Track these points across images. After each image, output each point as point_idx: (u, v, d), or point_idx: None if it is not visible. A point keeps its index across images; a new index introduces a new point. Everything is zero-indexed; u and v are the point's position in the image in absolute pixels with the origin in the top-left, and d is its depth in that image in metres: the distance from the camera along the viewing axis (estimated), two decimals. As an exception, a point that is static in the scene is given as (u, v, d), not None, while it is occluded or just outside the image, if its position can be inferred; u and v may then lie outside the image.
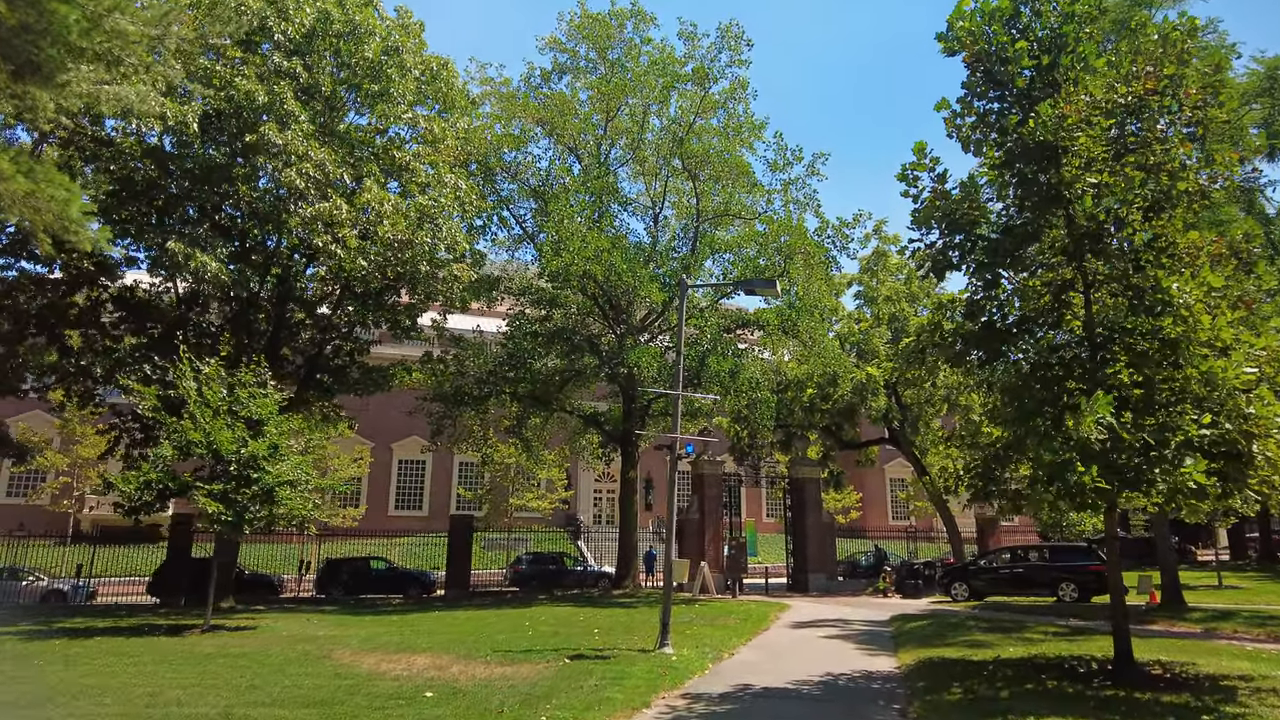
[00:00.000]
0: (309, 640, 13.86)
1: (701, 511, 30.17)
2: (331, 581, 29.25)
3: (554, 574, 31.66)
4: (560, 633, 15.07)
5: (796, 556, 31.71)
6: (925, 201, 11.05)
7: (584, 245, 21.88)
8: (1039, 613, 19.63)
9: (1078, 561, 23.28)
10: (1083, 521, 35.85)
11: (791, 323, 26.45)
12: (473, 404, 27.50)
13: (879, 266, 34.29)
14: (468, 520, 29.00)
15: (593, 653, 12.23)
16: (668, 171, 28.79)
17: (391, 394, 29.05)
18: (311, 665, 11.21)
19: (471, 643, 13.49)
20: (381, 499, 48.39)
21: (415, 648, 12.82)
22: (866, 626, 17.50)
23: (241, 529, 14.81)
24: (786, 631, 16.59)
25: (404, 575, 29.95)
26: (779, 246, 25.80)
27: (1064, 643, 12.89)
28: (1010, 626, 15.62)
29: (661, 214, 30.35)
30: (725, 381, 23.43)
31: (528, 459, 34.91)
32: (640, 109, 28.76)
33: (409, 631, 15.49)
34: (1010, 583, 24.20)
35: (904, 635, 15.16)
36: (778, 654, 13.14)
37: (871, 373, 30.13)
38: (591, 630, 15.36)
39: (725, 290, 25.52)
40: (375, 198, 19.59)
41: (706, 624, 16.98)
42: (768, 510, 53.41)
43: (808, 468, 32.62)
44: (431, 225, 20.75)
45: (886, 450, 57.98)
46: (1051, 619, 17.98)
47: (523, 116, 27.44)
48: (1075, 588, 22.65)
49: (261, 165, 18.98)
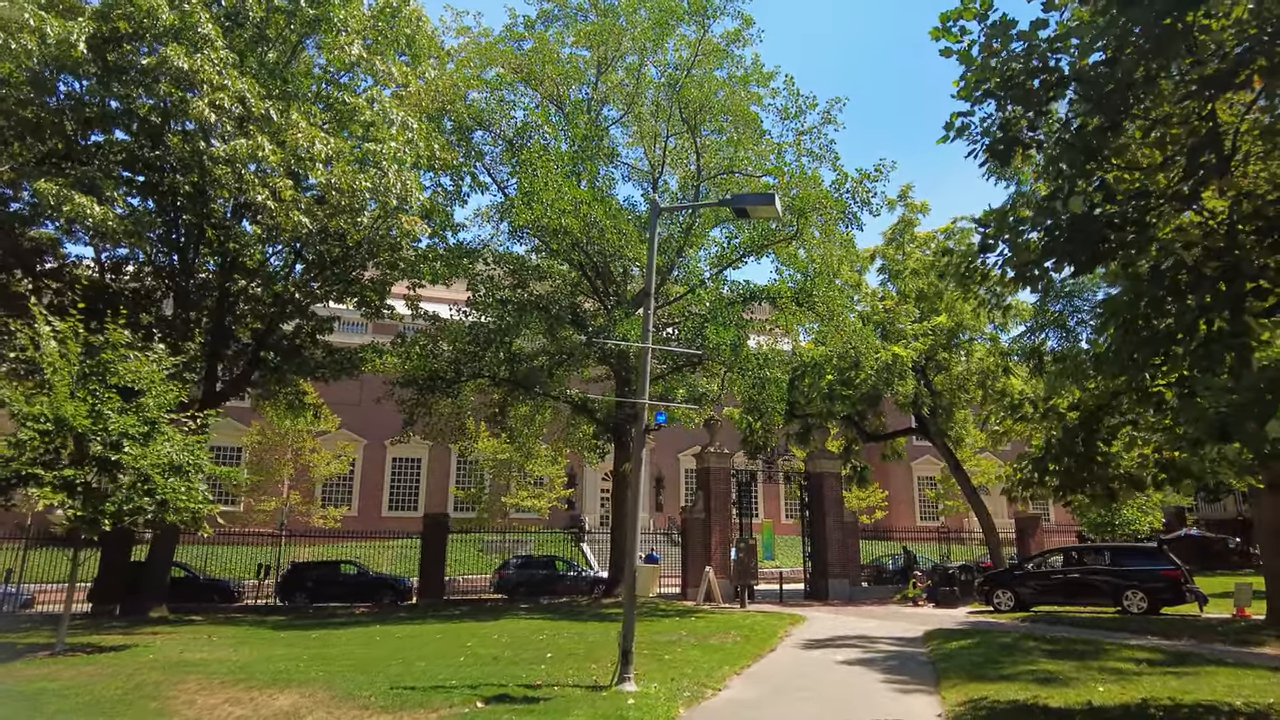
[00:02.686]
0: (168, 668, 10.75)
1: (708, 510, 26.84)
2: (296, 587, 26.35)
3: (544, 580, 28.49)
4: (503, 657, 11.87)
5: (814, 560, 28.29)
6: (979, 57, 7.72)
7: (559, 196, 18.67)
8: (1105, 628, 16.12)
9: (1146, 565, 19.67)
10: (1137, 520, 32.38)
11: (806, 293, 23.10)
12: (445, 388, 24.44)
13: (904, 237, 30.80)
14: (443, 521, 25.90)
15: (523, 692, 9.01)
16: (667, 131, 25.55)
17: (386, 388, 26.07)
18: (122, 711, 8.10)
19: (376, 672, 10.33)
20: (374, 499, 45.57)
21: (293, 680, 9.67)
22: (896, 646, 14.13)
23: (99, 526, 11.75)
24: (795, 654, 13.26)
25: (376, 581, 26.93)
26: (790, 203, 22.44)
27: (1170, 678, 9.46)
28: (1083, 650, 12.14)
29: (661, 179, 27.09)
30: (727, 355, 20.10)
31: (517, 452, 31.79)
32: (636, 64, 25.58)
33: (316, 654, 12.35)
34: (1063, 590, 20.65)
35: (945, 660, 11.77)
36: (778, 691, 9.85)
37: (899, 353, 26.65)
38: (545, 654, 12.15)
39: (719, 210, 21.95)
40: (306, 135, 16.52)
41: (696, 644, 13.70)
42: (786, 510, 49.87)
43: (827, 461, 29.18)
44: (377, 171, 17.64)
45: (914, 446, 54.46)
46: (1125, 637, 14.48)
47: (501, 65, 24.33)
48: (1144, 597, 19.07)
49: (166, 95, 15.99)
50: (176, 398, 13.29)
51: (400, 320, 26.18)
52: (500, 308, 21.29)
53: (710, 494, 26.97)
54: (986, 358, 28.75)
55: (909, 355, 26.87)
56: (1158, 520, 31.46)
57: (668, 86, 23.72)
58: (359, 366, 25.58)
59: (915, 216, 30.56)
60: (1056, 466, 8.57)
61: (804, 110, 23.54)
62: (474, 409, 26.76)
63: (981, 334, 29.64)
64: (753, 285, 24.29)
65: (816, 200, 21.71)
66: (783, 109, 23.50)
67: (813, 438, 30.54)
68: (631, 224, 20.79)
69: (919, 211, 30.71)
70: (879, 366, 26.70)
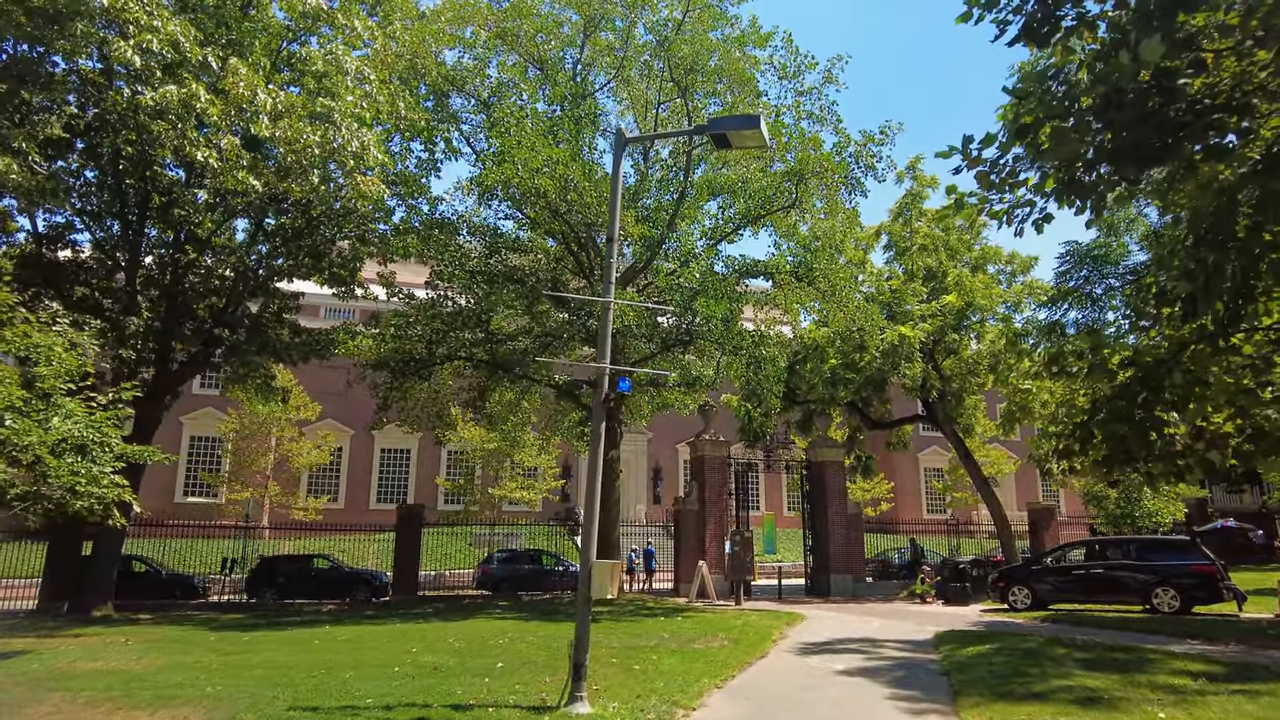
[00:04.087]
0: (42, 682, 9.13)
1: (701, 501, 25.20)
2: (265, 583, 24.81)
3: (529, 576, 26.91)
4: (447, 667, 10.23)
5: (816, 554, 26.64)
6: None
7: (533, 154, 16.95)
8: (1137, 629, 14.42)
9: (1177, 560, 17.95)
10: (1160, 511, 30.57)
11: (807, 267, 21.39)
12: (419, 370, 22.80)
13: (912, 212, 29.00)
14: (417, 513, 24.30)
15: (446, 716, 7.37)
16: (659, 96, 23.82)
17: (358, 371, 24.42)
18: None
19: (287, 685, 8.71)
20: (362, 491, 43.98)
21: (175, 698, 8.06)
22: (904, 652, 12.46)
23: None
24: (790, 661, 11.61)
25: (350, 576, 25.35)
26: (789, 170, 20.72)
27: (1243, 698, 7.75)
28: (1125, 660, 10.39)
29: (653, 149, 25.36)
30: (718, 330, 18.40)
31: (504, 442, 30.18)
32: (625, 27, 23.82)
33: (231, 662, 10.74)
34: (1085, 587, 18.94)
35: (961, 671, 10.10)
36: (762, 713, 8.20)
37: (905, 333, 24.91)
38: (497, 663, 10.51)
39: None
40: (248, 84, 14.83)
41: (677, 649, 12.06)
42: (789, 503, 48.19)
43: (829, 448, 27.49)
44: (329, 125, 15.94)
45: (920, 437, 52.68)
46: (1164, 642, 12.78)
47: (477, 23, 22.59)
48: (1175, 595, 17.36)
49: (84, 37, 14.32)
50: (79, 368, 11.66)
51: (376, 301, 24.58)
52: (468, 279, 19.55)
53: (705, 484, 25.32)
54: (999, 339, 26.99)
55: (916, 336, 25.12)
56: (1179, 511, 29.64)
57: (657, 45, 21.97)
58: (331, 349, 24.00)
59: (924, 190, 28.77)
60: (1102, 435, 6.86)
61: (803, 70, 21.77)
62: (453, 393, 25.11)
63: (993, 314, 27.89)
64: (749, 260, 22.59)
65: (816, 164, 19.99)
66: (780, 67, 21.73)
67: (815, 426, 28.83)
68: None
69: (928, 185, 28.92)
70: (885, 348, 24.99)
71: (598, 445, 8.44)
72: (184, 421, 41.07)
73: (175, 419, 41.29)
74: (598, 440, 8.45)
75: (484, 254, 20.72)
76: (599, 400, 8.58)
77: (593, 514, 8.37)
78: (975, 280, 27.02)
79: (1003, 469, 44.33)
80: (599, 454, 8.39)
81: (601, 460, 8.36)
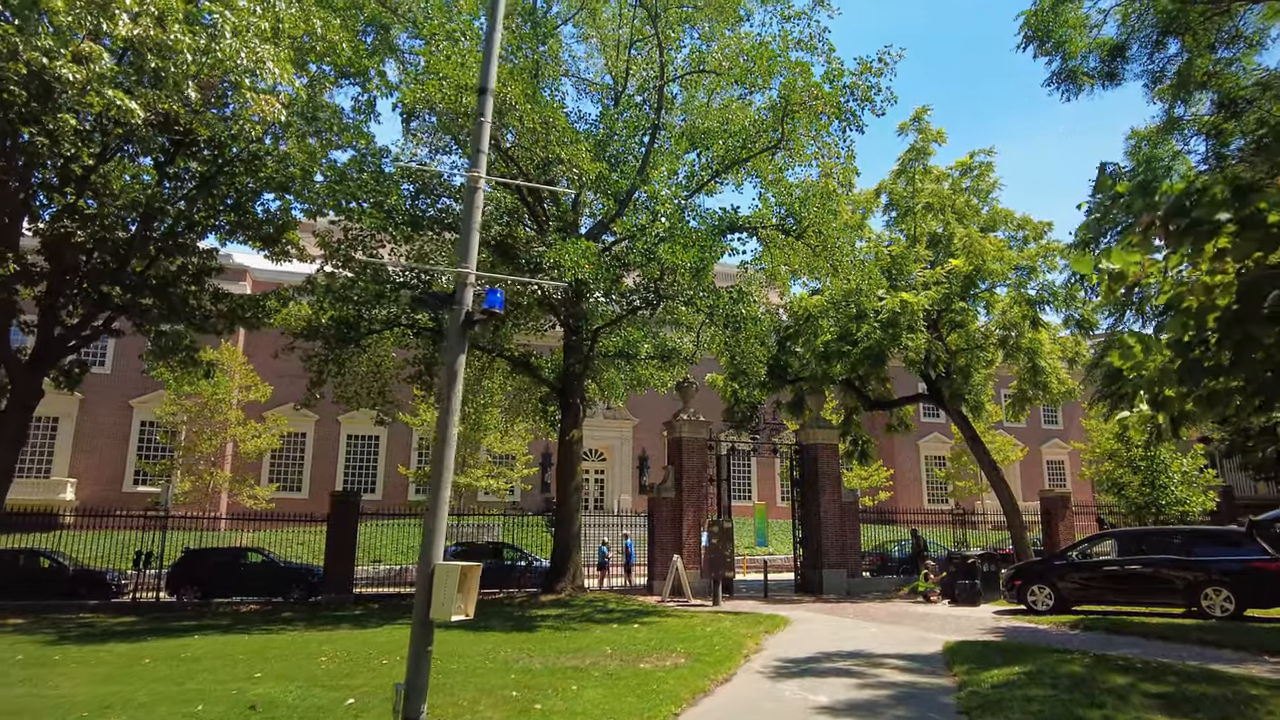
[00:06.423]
0: None
1: (679, 488, 22.38)
2: (188, 579, 22.06)
3: (487, 572, 24.02)
4: (278, 702, 7.49)
5: (807, 546, 23.88)
6: None
7: (463, 69, 14.05)
8: (1195, 642, 11.67)
9: (1228, 555, 15.18)
10: (1188, 499, 27.76)
11: (795, 217, 18.54)
12: (358, 340, 20.00)
13: (916, 169, 26.10)
14: (352, 501, 21.48)
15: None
16: (631, 31, 20.96)
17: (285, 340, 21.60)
18: None
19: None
20: (327, 479, 41.19)
21: None
22: (907, 673, 9.69)
23: None
24: (758, 689, 8.83)
25: (285, 572, 22.61)
26: (771, 105, 17.87)
27: None
28: (1216, 697, 7.56)
29: (625, 93, 22.47)
30: (686, 281, 15.55)
31: (462, 424, 27.36)
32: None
33: None
34: (1116, 586, 16.16)
35: (987, 713, 7.31)
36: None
37: (908, 299, 22.07)
38: (348, 698, 7.74)
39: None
40: (98, -31, 11.96)
41: (611, 672, 9.27)
42: (782, 492, 45.37)
43: (822, 430, 24.71)
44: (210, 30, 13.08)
45: (922, 424, 49.91)
46: (1242, 660, 10.02)
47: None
48: (1229, 596, 14.61)
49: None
50: None
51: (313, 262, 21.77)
52: (384, 219, 16.62)
53: (683, 469, 22.50)
54: (1011, 308, 24.18)
55: (920, 303, 22.26)
56: (1209, 501, 26.83)
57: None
58: (262, 318, 21.21)
59: (930, 145, 25.87)
60: (1218, 362, 4.03)
61: (789, -11, 18.87)
62: (398, 367, 22.31)
63: (1005, 281, 25.06)
64: (730, 213, 19.72)
65: (805, 94, 17.11)
66: (764, -17, 18.84)
67: (807, 407, 25.99)
68: (568, 122, 16.24)
69: (934, 140, 26.02)
70: (885, 316, 22.17)
71: (453, 385, 5.62)
72: (134, 406, 38.31)
73: (124, 403, 38.56)
74: (453, 379, 5.64)
75: (412, 194, 17.84)
76: (457, 323, 5.76)
77: (440, 489, 5.57)
78: (985, 242, 24.18)
79: (1009, 455, 41.56)
80: (452, 406, 5.58)
81: (454, 417, 5.55)
